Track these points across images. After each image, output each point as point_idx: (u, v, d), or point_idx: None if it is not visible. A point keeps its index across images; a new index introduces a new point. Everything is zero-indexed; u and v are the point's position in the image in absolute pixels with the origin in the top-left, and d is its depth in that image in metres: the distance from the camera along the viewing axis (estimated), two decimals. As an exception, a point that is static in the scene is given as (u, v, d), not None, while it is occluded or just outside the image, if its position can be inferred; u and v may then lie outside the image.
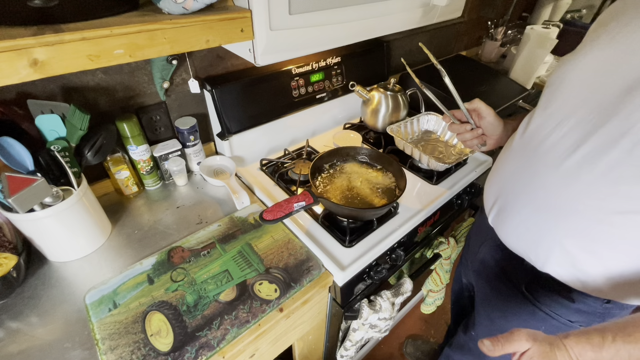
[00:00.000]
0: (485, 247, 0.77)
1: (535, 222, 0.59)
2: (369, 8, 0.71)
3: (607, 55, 0.49)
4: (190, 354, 0.55)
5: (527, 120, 0.62)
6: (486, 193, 0.72)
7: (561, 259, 0.57)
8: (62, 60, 0.44)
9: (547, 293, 0.64)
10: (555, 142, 0.54)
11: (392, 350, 1.45)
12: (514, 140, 0.64)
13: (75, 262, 0.71)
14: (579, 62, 0.53)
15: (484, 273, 0.79)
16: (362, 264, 0.74)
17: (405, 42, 1.39)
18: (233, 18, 0.55)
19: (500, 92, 1.41)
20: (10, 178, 0.57)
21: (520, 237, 0.64)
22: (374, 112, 1.08)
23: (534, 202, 0.59)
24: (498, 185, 0.67)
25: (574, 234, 0.55)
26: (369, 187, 0.81)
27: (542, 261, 0.61)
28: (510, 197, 0.64)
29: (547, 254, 0.59)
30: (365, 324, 0.83)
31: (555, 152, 0.54)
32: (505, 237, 0.67)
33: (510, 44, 1.77)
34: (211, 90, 0.86)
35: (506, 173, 0.65)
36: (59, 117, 0.66)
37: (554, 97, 0.56)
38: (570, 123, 0.52)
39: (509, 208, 0.64)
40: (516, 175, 0.62)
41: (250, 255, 0.72)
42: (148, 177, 0.88)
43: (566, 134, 0.52)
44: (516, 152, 0.63)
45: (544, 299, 0.65)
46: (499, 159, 0.69)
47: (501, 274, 0.73)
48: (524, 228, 0.62)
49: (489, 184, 0.71)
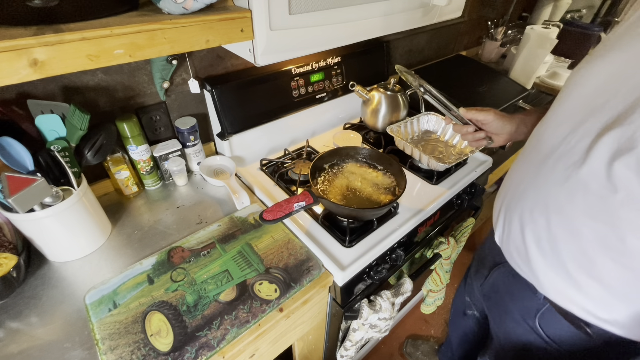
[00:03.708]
0: (499, 270, 0.72)
1: (537, 241, 0.55)
2: (369, 8, 0.71)
3: (628, 57, 0.44)
4: (190, 354, 0.55)
5: (537, 127, 0.57)
6: (494, 206, 0.67)
7: (564, 284, 0.53)
8: (62, 60, 0.44)
9: (562, 326, 0.59)
10: (563, 153, 0.49)
11: (392, 350, 1.45)
12: (524, 148, 0.60)
13: (75, 262, 0.71)
14: (600, 63, 0.47)
15: (494, 298, 0.75)
16: (362, 264, 0.74)
17: (405, 42, 1.39)
18: (233, 18, 0.55)
19: (500, 92, 1.41)
20: (10, 178, 0.57)
21: (522, 257, 0.59)
22: (374, 112, 1.08)
23: (537, 220, 0.54)
24: (504, 198, 0.63)
25: (576, 257, 0.50)
26: (369, 187, 0.81)
27: (545, 287, 0.57)
28: (513, 213, 0.59)
29: (549, 278, 0.55)
30: (365, 324, 0.83)
31: (562, 165, 0.49)
32: (509, 257, 0.63)
33: (510, 44, 1.77)
34: (211, 90, 0.86)
35: (512, 185, 0.61)
36: (59, 117, 0.66)
37: (566, 102, 0.51)
38: (579, 134, 0.47)
39: (512, 225, 0.60)
40: (520, 188, 0.58)
41: (250, 255, 0.72)
42: (148, 177, 0.88)
43: (575, 145, 0.48)
44: (522, 162, 0.59)
45: (558, 334, 0.60)
46: (511, 167, 0.65)
47: (512, 301, 0.69)
48: (525, 248, 0.57)
49: (498, 196, 0.66)
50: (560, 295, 0.56)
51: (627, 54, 0.44)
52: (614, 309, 0.51)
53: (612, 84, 0.45)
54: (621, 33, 0.46)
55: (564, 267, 0.52)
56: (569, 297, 0.55)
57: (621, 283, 0.48)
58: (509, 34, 1.83)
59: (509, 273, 0.66)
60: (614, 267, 0.47)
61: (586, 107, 0.48)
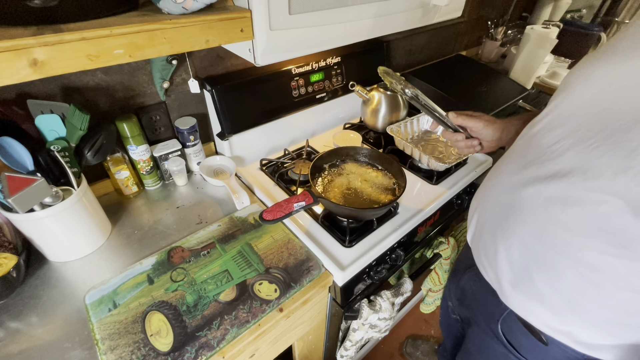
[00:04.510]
0: (468, 274, 0.71)
1: (505, 249, 0.53)
2: (369, 8, 0.71)
3: (629, 67, 0.40)
4: (190, 354, 0.55)
5: (527, 129, 0.54)
6: (470, 206, 0.65)
7: (529, 294, 0.51)
8: (61, 60, 0.44)
9: (522, 332, 0.57)
10: (546, 162, 0.46)
11: (392, 350, 1.45)
12: (508, 151, 0.57)
13: (75, 262, 0.71)
14: (600, 67, 0.43)
15: (464, 302, 0.76)
16: (362, 264, 0.74)
17: (405, 42, 1.39)
18: (233, 18, 0.55)
19: (500, 92, 1.41)
20: (10, 178, 0.57)
21: (489, 263, 0.57)
22: (374, 112, 1.08)
23: (507, 227, 0.51)
24: (479, 199, 0.61)
25: (546, 271, 0.48)
26: (369, 187, 0.81)
27: (507, 295, 0.55)
28: (487, 216, 0.57)
29: (513, 287, 0.53)
30: (365, 324, 0.83)
31: (544, 174, 0.46)
32: (477, 260, 0.61)
33: (510, 44, 1.77)
34: (211, 90, 0.86)
35: (490, 185, 0.58)
36: (59, 117, 0.66)
37: (562, 105, 0.48)
38: (568, 144, 0.44)
39: (484, 228, 0.57)
40: (497, 191, 0.55)
41: (250, 255, 0.72)
42: (148, 177, 0.88)
43: (560, 155, 0.45)
44: (505, 164, 0.55)
45: (518, 339, 0.60)
46: (494, 166, 0.62)
47: (477, 305, 0.68)
48: (493, 253, 0.55)
49: (475, 195, 0.64)
50: (520, 306, 0.54)
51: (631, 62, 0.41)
52: (570, 320, 0.49)
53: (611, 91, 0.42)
54: (623, 38, 0.43)
55: (530, 278, 0.50)
56: (529, 309, 0.53)
57: (585, 297, 0.46)
58: (509, 34, 1.83)
59: (476, 277, 0.65)
60: (579, 281, 0.45)
61: (582, 114, 0.44)
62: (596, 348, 0.50)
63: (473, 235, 0.63)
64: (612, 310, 0.45)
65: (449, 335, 1.05)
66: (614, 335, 0.47)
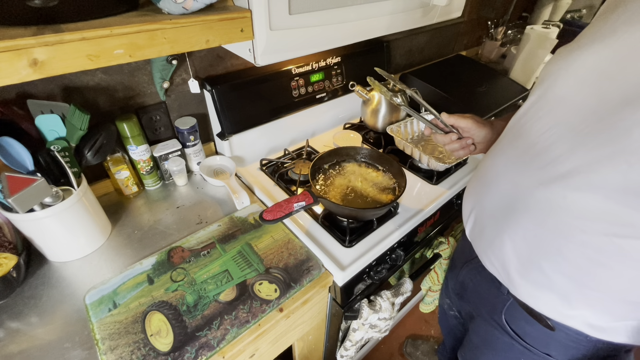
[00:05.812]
0: (467, 268, 0.72)
1: (510, 239, 0.53)
2: (368, 8, 0.71)
3: (610, 53, 0.41)
4: (190, 354, 0.55)
5: (513, 121, 0.54)
6: (464, 201, 0.65)
7: (537, 282, 0.52)
8: (62, 60, 0.44)
9: (527, 320, 0.58)
10: (540, 151, 0.47)
11: (392, 350, 1.45)
12: (496, 144, 0.58)
13: (75, 262, 0.71)
14: (580, 55, 0.44)
15: (465, 296, 0.76)
16: (362, 264, 0.74)
17: (405, 42, 1.39)
18: (233, 18, 0.55)
19: (500, 92, 1.41)
20: (10, 178, 0.57)
21: (495, 255, 0.57)
22: (374, 112, 1.08)
23: (510, 217, 0.52)
24: (475, 193, 0.61)
25: (553, 257, 0.49)
26: (369, 187, 0.81)
27: (516, 285, 0.55)
28: (486, 209, 0.57)
29: (521, 276, 0.54)
30: (365, 324, 0.83)
31: (540, 163, 0.47)
32: (480, 254, 0.61)
33: (510, 44, 1.77)
34: (211, 90, 0.86)
35: (486, 179, 0.58)
36: (59, 117, 0.66)
37: (546, 95, 0.48)
38: (559, 131, 0.45)
39: (485, 221, 0.58)
40: (494, 184, 0.55)
41: (250, 255, 0.72)
42: (148, 177, 0.88)
43: (554, 142, 0.45)
44: (497, 156, 0.56)
45: (523, 327, 0.60)
46: (481, 161, 0.63)
47: (478, 298, 0.69)
48: (498, 245, 0.55)
49: (468, 190, 0.64)
50: (529, 295, 0.55)
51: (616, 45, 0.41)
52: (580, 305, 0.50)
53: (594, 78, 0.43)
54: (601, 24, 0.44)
55: (538, 265, 0.51)
56: (539, 297, 0.54)
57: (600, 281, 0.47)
58: (509, 34, 1.83)
59: (476, 270, 0.67)
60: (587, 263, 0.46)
61: (568, 102, 0.45)
62: (607, 330, 0.51)
63: (472, 229, 0.63)
64: (621, 289, 0.46)
65: (449, 332, 1.06)
66: (623, 316, 0.48)
